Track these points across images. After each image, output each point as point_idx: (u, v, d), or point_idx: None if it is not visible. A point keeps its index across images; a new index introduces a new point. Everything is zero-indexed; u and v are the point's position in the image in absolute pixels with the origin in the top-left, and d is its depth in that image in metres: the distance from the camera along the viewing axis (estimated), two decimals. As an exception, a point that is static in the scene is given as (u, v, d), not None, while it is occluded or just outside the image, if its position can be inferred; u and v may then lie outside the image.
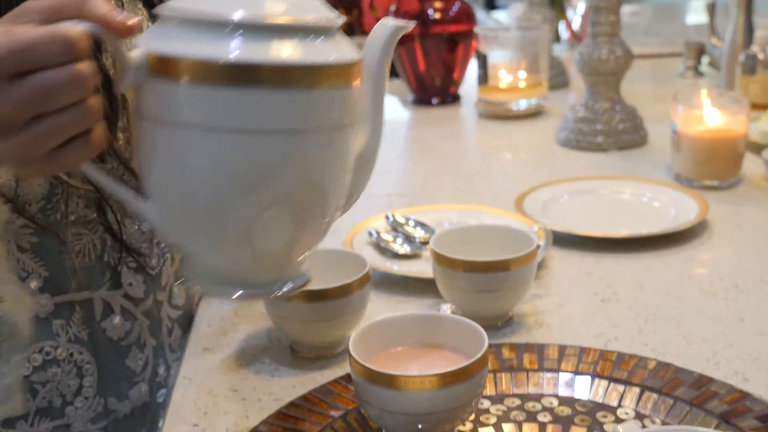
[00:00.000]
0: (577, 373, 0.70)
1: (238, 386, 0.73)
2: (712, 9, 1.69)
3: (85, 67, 0.48)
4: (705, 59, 1.83)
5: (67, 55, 0.47)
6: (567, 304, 0.85)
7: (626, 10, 2.88)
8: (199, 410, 0.70)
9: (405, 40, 1.70)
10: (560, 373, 0.70)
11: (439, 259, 0.79)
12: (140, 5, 0.81)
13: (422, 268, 0.90)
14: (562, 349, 0.73)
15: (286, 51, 0.49)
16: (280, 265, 0.57)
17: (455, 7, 1.69)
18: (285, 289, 0.57)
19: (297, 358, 0.77)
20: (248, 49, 0.48)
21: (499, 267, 0.77)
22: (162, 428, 0.70)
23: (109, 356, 0.78)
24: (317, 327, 0.75)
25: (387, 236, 0.97)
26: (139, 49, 0.49)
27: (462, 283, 0.79)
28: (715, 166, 1.14)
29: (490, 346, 0.62)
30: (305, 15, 0.51)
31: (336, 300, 0.74)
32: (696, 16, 2.83)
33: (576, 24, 2.12)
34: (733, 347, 0.75)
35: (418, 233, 0.98)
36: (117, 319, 0.78)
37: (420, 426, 0.60)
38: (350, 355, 0.61)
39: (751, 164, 1.21)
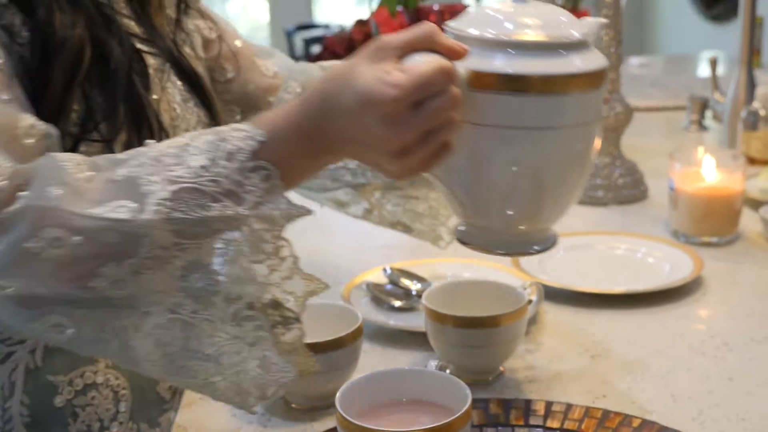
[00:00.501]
0: (562, 430, 0.72)
1: (230, 437, 0.75)
2: (714, 64, 1.72)
3: (456, 89, 0.61)
4: (709, 113, 1.85)
5: (448, 82, 0.60)
6: (558, 360, 0.87)
7: (635, 62, 2.92)
8: (192, 460, 0.72)
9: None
10: (546, 430, 0.72)
11: (430, 314, 0.82)
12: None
13: (417, 320, 0.92)
14: (548, 406, 0.75)
15: (555, 64, 0.64)
16: (540, 230, 0.74)
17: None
18: (541, 248, 0.74)
19: (290, 410, 0.79)
20: (527, 64, 0.64)
21: (489, 323, 0.80)
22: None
23: (142, 382, 0.81)
24: (310, 379, 0.77)
25: (384, 289, 1.00)
26: (460, 67, 0.63)
27: (452, 338, 0.81)
28: (712, 223, 1.17)
29: (475, 401, 0.64)
30: (571, 33, 0.67)
31: (329, 353, 0.76)
32: (706, 68, 2.86)
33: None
34: (719, 407, 0.77)
35: (414, 286, 1.00)
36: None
37: (405, 481, 0.62)
38: (337, 410, 0.63)
39: (749, 221, 1.23)
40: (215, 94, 0.93)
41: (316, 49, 5.39)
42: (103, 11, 0.79)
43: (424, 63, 0.60)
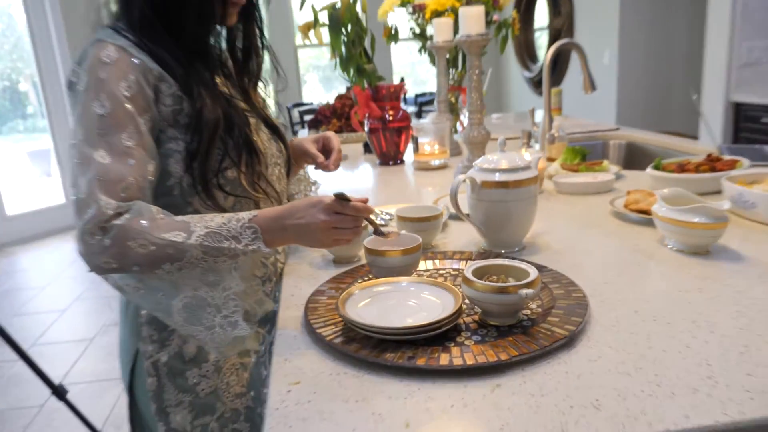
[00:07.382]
0: (454, 258, 1.01)
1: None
2: (532, 112, 2.04)
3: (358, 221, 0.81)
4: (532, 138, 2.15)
5: (358, 215, 0.80)
6: (449, 242, 1.15)
7: (495, 116, 3.21)
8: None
9: (374, 131, 2.01)
10: (447, 260, 1.01)
11: (399, 218, 1.10)
12: None
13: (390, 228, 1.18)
14: (452, 253, 1.04)
15: (516, 175, 0.97)
16: (518, 242, 1.02)
17: (399, 114, 1.98)
18: (518, 249, 1.02)
19: (332, 264, 1.06)
20: (506, 176, 0.97)
21: (423, 220, 1.08)
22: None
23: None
24: (351, 247, 1.04)
25: (372, 216, 1.25)
26: (478, 178, 0.96)
27: (407, 228, 1.08)
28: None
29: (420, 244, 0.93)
30: (522, 163, 0.98)
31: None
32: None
33: (465, 122, 2.43)
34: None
35: (385, 215, 1.26)
36: None
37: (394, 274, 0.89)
38: (365, 246, 0.91)
39: (549, 185, 1.53)
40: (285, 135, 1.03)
41: (306, 117, 5.40)
42: (228, 98, 0.89)
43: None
